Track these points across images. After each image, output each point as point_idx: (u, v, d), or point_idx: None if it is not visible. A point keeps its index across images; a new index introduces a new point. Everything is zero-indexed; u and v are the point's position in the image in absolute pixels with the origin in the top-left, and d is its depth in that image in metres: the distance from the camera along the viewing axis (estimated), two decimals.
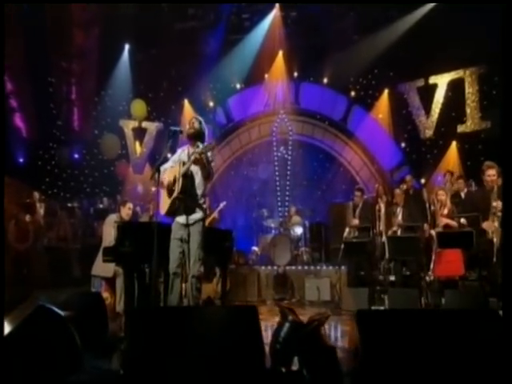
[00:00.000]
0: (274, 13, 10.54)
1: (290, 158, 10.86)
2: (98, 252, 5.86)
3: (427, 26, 9.01)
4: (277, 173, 10.80)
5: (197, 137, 4.44)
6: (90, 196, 10.52)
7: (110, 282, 5.89)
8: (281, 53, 10.78)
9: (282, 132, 10.97)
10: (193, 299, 4.38)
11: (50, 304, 2.82)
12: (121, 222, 5.68)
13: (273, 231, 9.19)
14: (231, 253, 6.31)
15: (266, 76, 10.93)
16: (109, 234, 5.78)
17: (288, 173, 10.77)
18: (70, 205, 9.08)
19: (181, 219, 4.32)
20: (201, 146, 4.26)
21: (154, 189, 4.42)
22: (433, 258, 6.38)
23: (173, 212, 4.43)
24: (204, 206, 4.47)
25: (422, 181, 9.48)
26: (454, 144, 9.63)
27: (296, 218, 9.18)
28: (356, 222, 7.33)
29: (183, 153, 4.56)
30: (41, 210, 8.28)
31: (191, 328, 2.64)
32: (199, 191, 4.37)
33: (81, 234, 8.78)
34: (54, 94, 9.37)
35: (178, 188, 4.25)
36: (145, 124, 10.93)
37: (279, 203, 10.67)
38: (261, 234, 9.36)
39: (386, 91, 10.38)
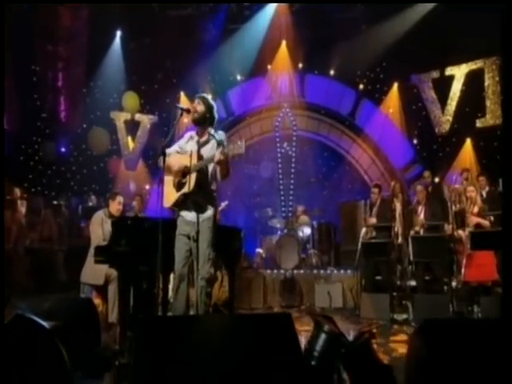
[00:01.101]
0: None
1: (294, 154, 10.28)
2: (86, 254, 5.23)
3: (442, 14, 8.51)
4: (280, 170, 10.28)
5: (204, 121, 3.91)
6: (77, 195, 9.85)
7: (101, 288, 5.21)
8: (284, 43, 10.31)
9: (285, 127, 10.43)
10: (202, 306, 3.79)
11: (32, 313, 2.47)
12: (116, 218, 5.02)
13: (278, 232, 8.61)
14: (241, 253, 5.68)
15: (269, 67, 10.41)
16: (96, 233, 5.20)
17: (292, 171, 10.25)
18: (55, 202, 8.36)
19: (189, 216, 3.82)
20: (216, 134, 3.82)
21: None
22: (463, 261, 5.83)
23: (178, 205, 3.88)
24: (215, 201, 3.92)
25: (436, 179, 8.95)
26: (468, 141, 9.14)
27: (303, 218, 8.62)
28: (373, 220, 6.78)
29: (191, 140, 3.98)
30: (22, 208, 7.58)
31: (218, 340, 2.22)
32: (213, 187, 3.88)
33: (67, 234, 8.11)
34: (39, 81, 8.65)
35: (190, 183, 3.72)
36: (138, 117, 10.38)
37: (283, 203, 10.11)
38: (265, 234, 8.74)
39: (395, 84, 9.94)
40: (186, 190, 3.75)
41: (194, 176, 3.71)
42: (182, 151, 3.99)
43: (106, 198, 5.60)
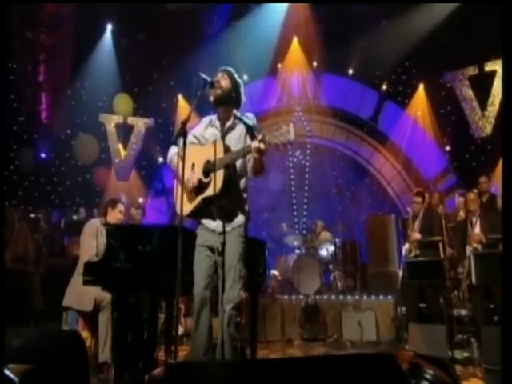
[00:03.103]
0: None
1: (307, 164, 9.53)
2: (69, 277, 4.45)
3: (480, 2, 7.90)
4: (292, 182, 9.56)
5: (228, 101, 3.19)
6: (59, 209, 8.95)
7: (90, 317, 4.29)
8: (296, 39, 9.74)
9: (298, 133, 9.50)
10: (229, 342, 3.00)
11: None
12: (113, 225, 4.15)
13: (296, 251, 7.76)
14: (265, 272, 4.80)
15: (279, 66, 9.75)
16: (88, 246, 4.39)
17: (306, 182, 9.55)
18: (33, 216, 7.41)
19: (212, 224, 3.12)
20: (244, 117, 3.17)
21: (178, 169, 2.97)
22: None
23: (198, 213, 3.16)
24: (246, 206, 3.17)
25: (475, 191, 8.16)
26: None
27: (325, 235, 7.82)
28: (418, 235, 5.94)
29: (212, 126, 3.26)
30: None
31: None
32: (241, 186, 3.16)
33: (46, 253, 7.16)
34: (16, 75, 7.80)
35: (216, 184, 2.99)
36: (131, 120, 9.76)
37: (295, 219, 9.30)
38: (279, 254, 7.88)
39: (422, 84, 9.38)
40: (209, 192, 3.03)
41: (220, 174, 2.99)
42: (201, 141, 3.25)
43: (104, 205, 4.82)
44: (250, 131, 3.11)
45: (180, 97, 9.97)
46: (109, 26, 9.57)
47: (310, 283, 7.14)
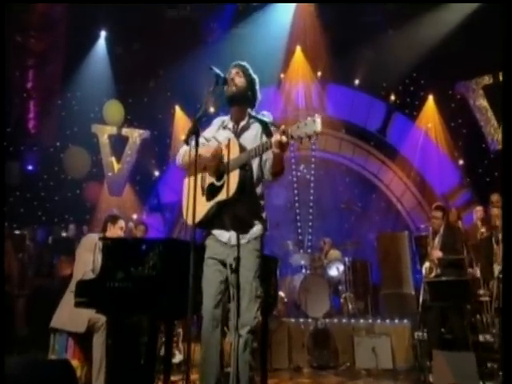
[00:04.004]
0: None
1: (312, 179, 9.33)
2: (57, 300, 4.22)
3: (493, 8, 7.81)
4: (296, 198, 9.31)
5: (243, 100, 3.00)
6: (46, 226, 8.64)
7: (82, 340, 3.94)
8: (299, 48, 9.61)
9: (302, 147, 9.31)
10: (245, 369, 2.74)
11: None
12: (110, 239, 3.86)
13: (302, 271, 7.46)
14: (277, 292, 4.50)
15: (282, 76, 9.58)
16: (84, 260, 4.13)
17: (311, 198, 9.33)
18: (18, 233, 7.07)
19: (225, 236, 2.88)
20: (259, 115, 2.97)
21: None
22: None
23: (208, 222, 2.91)
24: (264, 215, 2.94)
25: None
26: None
27: (334, 253, 7.54)
28: (439, 253, 5.66)
29: (224, 128, 3.06)
30: None
31: None
32: (258, 190, 2.94)
33: (32, 273, 6.80)
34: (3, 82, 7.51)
35: (230, 187, 2.76)
36: (125, 131, 9.52)
37: (300, 236, 9.05)
38: (284, 274, 7.57)
39: (431, 95, 9.27)
40: (222, 196, 2.80)
41: (235, 175, 2.75)
42: (212, 142, 3.02)
43: (104, 220, 4.58)
44: (267, 129, 2.90)
45: (177, 108, 9.80)
46: (102, 33, 9.38)
47: (319, 306, 6.85)
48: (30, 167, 8.72)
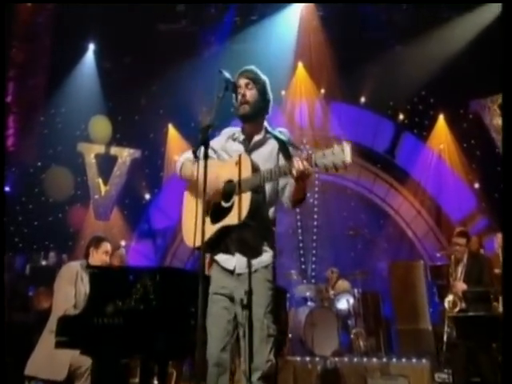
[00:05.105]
0: (294, 14, 9.19)
1: (316, 203, 9.10)
2: (35, 336, 3.95)
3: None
4: (299, 223, 8.98)
5: (256, 115, 2.84)
6: (24, 254, 8.25)
7: None
8: (301, 65, 9.48)
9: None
10: None
11: None
12: (98, 268, 3.54)
13: (308, 303, 7.11)
14: (287, 326, 4.15)
15: (283, 93, 9.38)
16: (65, 294, 3.78)
17: (314, 223, 9.03)
18: None
19: (231, 262, 2.68)
20: (276, 132, 2.82)
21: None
22: None
23: (212, 246, 2.70)
24: (274, 242, 2.76)
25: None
26: None
27: (343, 284, 7.22)
28: (463, 285, 5.37)
29: (234, 140, 2.87)
30: None
31: None
32: (271, 216, 2.77)
33: (5, 307, 6.34)
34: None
35: (241, 210, 2.59)
36: (114, 150, 9.33)
37: (303, 265, 8.78)
38: (289, 306, 7.20)
39: (441, 115, 9.14)
40: (231, 220, 2.60)
41: (246, 198, 2.58)
42: (220, 156, 2.88)
43: (87, 244, 4.33)
44: (284, 149, 2.72)
45: (170, 127, 9.62)
46: (91, 46, 9.20)
47: (327, 342, 6.55)
48: (7, 188, 8.38)
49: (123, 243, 8.48)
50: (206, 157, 2.47)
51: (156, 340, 2.94)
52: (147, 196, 9.44)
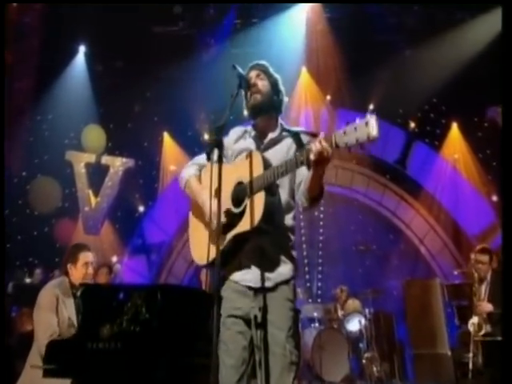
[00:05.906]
0: (299, 16, 9.07)
1: (322, 216, 8.94)
2: (18, 363, 3.83)
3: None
4: (303, 238, 8.79)
5: (269, 108, 2.71)
6: (5, 271, 7.97)
7: None
8: (304, 70, 9.35)
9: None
10: None
11: None
12: (91, 285, 3.31)
13: (315, 324, 6.93)
14: (300, 349, 3.90)
15: (286, 100, 9.09)
16: (46, 325, 3.48)
17: (320, 238, 8.87)
18: None
19: (246, 277, 2.48)
20: (292, 129, 2.73)
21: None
22: None
23: (223, 260, 2.41)
24: (294, 253, 2.57)
25: None
26: None
27: (353, 304, 7.02)
28: (489, 306, 5.11)
29: (245, 138, 2.73)
30: None
31: None
32: (288, 222, 2.57)
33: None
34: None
35: (254, 215, 2.37)
36: (106, 159, 9.24)
37: (308, 283, 8.64)
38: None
39: (455, 123, 9.05)
40: (244, 227, 2.40)
41: (259, 199, 2.37)
42: (228, 158, 2.71)
43: (64, 260, 3.90)
44: (300, 142, 2.58)
45: (166, 135, 9.56)
46: (82, 48, 9.08)
47: (337, 367, 6.40)
48: None
49: (115, 259, 8.37)
50: (220, 160, 2.28)
51: (158, 366, 2.70)
52: (141, 208, 9.33)
